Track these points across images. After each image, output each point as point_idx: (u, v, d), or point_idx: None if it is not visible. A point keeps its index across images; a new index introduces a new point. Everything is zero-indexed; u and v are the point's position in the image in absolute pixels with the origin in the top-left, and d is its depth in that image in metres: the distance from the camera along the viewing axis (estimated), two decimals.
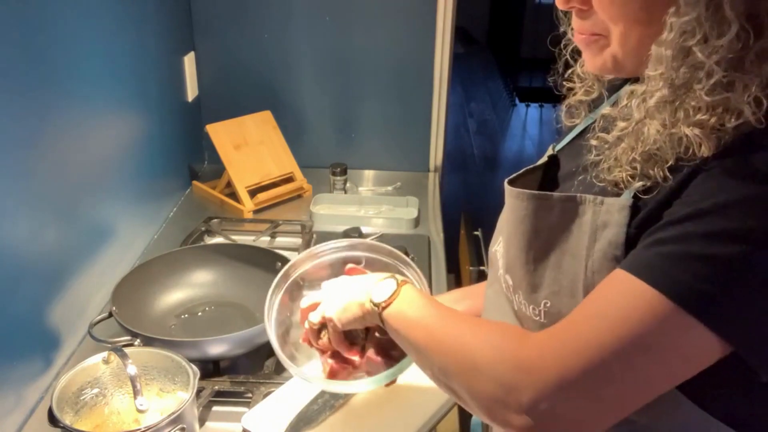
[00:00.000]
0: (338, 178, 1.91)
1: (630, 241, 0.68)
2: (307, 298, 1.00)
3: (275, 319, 1.00)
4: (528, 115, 5.97)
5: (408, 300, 0.84)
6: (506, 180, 0.89)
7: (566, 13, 0.84)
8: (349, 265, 1.03)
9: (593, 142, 0.75)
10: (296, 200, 1.92)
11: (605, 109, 0.76)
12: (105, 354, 1.03)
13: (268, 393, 1.14)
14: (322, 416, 1.06)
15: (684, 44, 0.64)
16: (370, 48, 1.98)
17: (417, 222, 1.79)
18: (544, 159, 0.92)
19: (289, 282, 1.03)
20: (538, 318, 0.78)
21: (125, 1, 1.49)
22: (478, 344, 0.71)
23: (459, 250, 2.55)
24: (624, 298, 0.64)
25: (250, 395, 1.16)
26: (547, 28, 0.89)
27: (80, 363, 1.04)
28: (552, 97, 0.94)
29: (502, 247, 0.89)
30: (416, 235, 1.73)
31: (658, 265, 0.63)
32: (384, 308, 0.84)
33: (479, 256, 2.12)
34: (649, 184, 0.68)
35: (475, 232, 2.24)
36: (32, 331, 1.18)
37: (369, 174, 2.10)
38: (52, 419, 0.95)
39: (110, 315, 1.23)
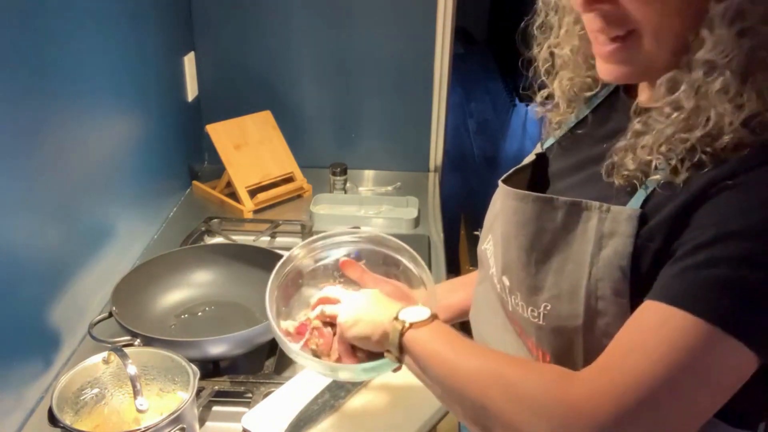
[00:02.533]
0: (338, 178, 1.91)
1: (637, 252, 0.68)
2: (330, 289, 0.98)
3: (278, 297, 0.99)
4: (528, 115, 5.96)
5: (438, 330, 0.80)
6: (501, 180, 0.88)
7: (541, 30, 0.87)
8: (343, 258, 1.02)
9: (637, 126, 0.71)
10: (296, 200, 1.92)
11: (641, 98, 0.74)
12: (105, 354, 1.03)
13: (268, 393, 1.13)
14: (322, 416, 1.06)
15: (741, 22, 0.63)
16: (370, 48, 1.98)
17: (417, 222, 1.79)
18: (531, 157, 0.91)
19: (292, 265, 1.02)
20: (536, 320, 0.77)
21: (125, 1, 1.49)
22: (525, 383, 0.68)
23: (459, 250, 2.55)
24: (665, 328, 0.63)
25: (250, 395, 1.16)
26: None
27: (80, 363, 1.04)
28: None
29: (492, 245, 0.89)
30: (416, 235, 1.73)
31: (695, 292, 0.63)
32: (409, 329, 0.80)
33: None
34: (669, 180, 0.67)
35: (475, 232, 2.23)
36: (32, 331, 1.18)
37: (369, 174, 2.10)
38: (52, 419, 0.95)
39: (110, 315, 1.22)
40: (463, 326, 1.14)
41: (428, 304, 0.94)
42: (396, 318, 0.82)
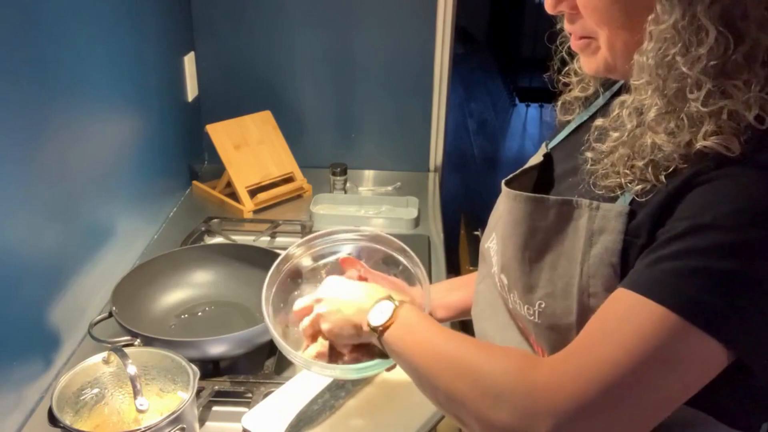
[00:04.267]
0: (338, 178, 1.91)
1: (626, 248, 0.69)
2: (300, 300, 0.98)
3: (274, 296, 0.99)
4: (528, 115, 5.97)
5: (407, 323, 0.82)
6: (503, 181, 0.89)
7: None
8: (342, 256, 1.02)
9: (588, 154, 0.75)
10: (296, 200, 1.92)
11: (598, 120, 0.76)
12: (105, 354, 1.03)
13: (268, 393, 1.13)
14: (322, 416, 1.06)
15: (665, 53, 0.64)
16: (370, 48, 1.98)
17: (417, 222, 1.79)
18: (539, 159, 0.92)
19: (288, 265, 1.02)
20: (532, 318, 0.78)
21: (125, 1, 1.49)
22: (489, 369, 0.70)
23: (459, 250, 2.55)
24: (632, 316, 0.64)
25: (250, 395, 1.16)
26: (547, 28, 0.89)
27: (80, 363, 1.04)
28: (552, 96, 0.94)
29: (496, 244, 0.89)
30: (416, 235, 1.73)
31: (662, 282, 0.63)
32: (382, 332, 0.83)
33: (479, 257, 2.12)
34: (648, 187, 0.68)
35: (475, 232, 2.24)
36: (32, 331, 1.18)
37: (369, 174, 2.10)
38: (52, 419, 0.95)
39: (110, 315, 1.22)
40: (464, 325, 1.14)
41: (422, 301, 0.96)
42: (369, 324, 0.84)
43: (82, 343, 1.30)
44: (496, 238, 0.90)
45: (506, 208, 0.84)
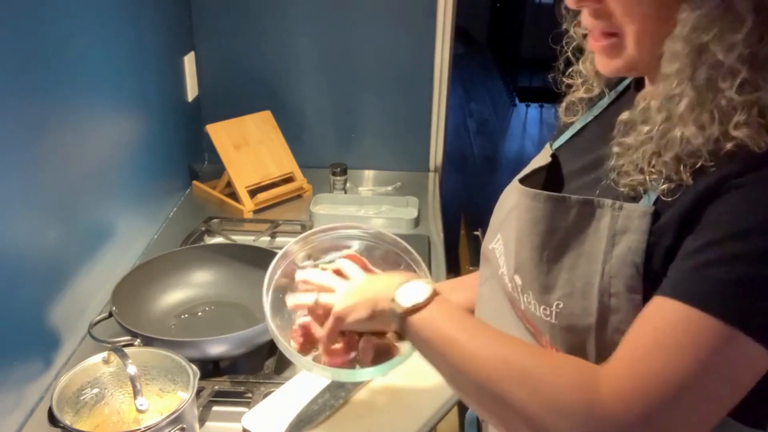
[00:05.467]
0: (338, 178, 1.91)
1: (650, 249, 0.68)
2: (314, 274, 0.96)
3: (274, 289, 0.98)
4: (528, 115, 5.97)
5: (444, 309, 0.79)
6: (517, 179, 0.88)
7: (569, 10, 0.84)
8: (344, 252, 1.00)
9: (615, 149, 0.74)
10: (296, 200, 1.92)
11: (624, 114, 0.74)
12: (105, 354, 1.03)
13: (268, 393, 1.13)
14: (322, 416, 1.06)
15: (699, 39, 0.63)
16: (370, 48, 1.98)
17: (417, 222, 1.79)
18: (546, 159, 0.91)
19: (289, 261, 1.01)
20: (548, 318, 0.77)
21: (125, 1, 1.49)
22: (554, 381, 0.67)
23: (459, 250, 2.55)
24: (687, 329, 0.63)
25: (250, 395, 1.16)
26: (548, 28, 0.88)
27: (80, 363, 1.04)
28: (552, 96, 0.94)
29: (501, 245, 0.89)
30: (416, 235, 1.73)
31: (712, 292, 0.63)
32: (411, 312, 0.80)
33: (479, 256, 2.11)
34: (673, 186, 0.67)
35: (475, 232, 2.24)
36: (32, 331, 1.18)
37: (369, 174, 2.10)
38: (52, 419, 0.95)
39: (110, 315, 1.23)
40: None
41: None
42: (393, 299, 0.82)
43: (82, 343, 1.30)
44: (503, 239, 0.88)
45: (524, 207, 0.83)
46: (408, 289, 0.82)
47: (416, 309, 0.80)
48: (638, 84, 0.83)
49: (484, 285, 0.95)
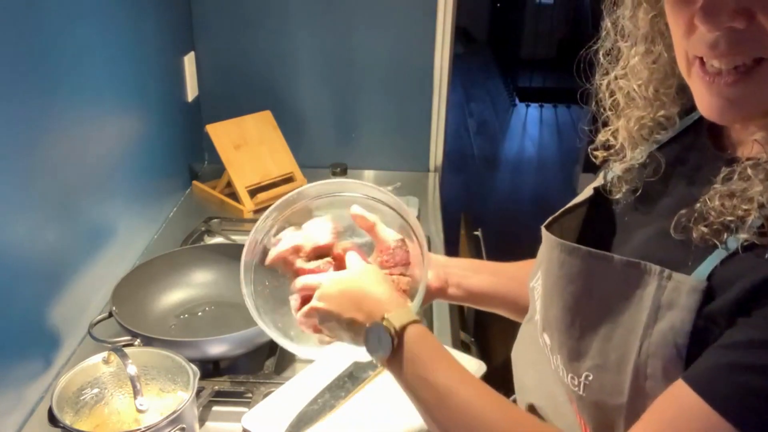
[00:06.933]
0: (338, 178, 1.91)
1: (697, 332, 0.60)
2: (305, 278, 0.92)
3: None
4: (528, 115, 5.96)
5: (410, 357, 0.74)
6: (543, 226, 0.78)
7: (610, 60, 0.75)
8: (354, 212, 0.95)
9: (714, 196, 0.61)
10: None
11: (740, 151, 0.66)
12: (105, 354, 1.03)
13: (268, 393, 1.13)
14: (322, 416, 1.06)
15: None
16: (370, 48, 1.98)
17: None
18: (587, 193, 0.80)
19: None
20: (576, 389, 0.70)
21: (125, 1, 1.49)
22: None
23: (459, 250, 2.55)
24: (699, 426, 0.57)
25: (250, 395, 1.16)
26: (547, 28, 0.87)
27: (80, 363, 1.04)
28: (552, 97, 0.92)
29: (541, 286, 0.80)
30: None
31: (736, 397, 0.56)
32: (385, 363, 0.76)
33: (479, 257, 2.11)
34: (757, 240, 0.58)
35: (475, 232, 2.24)
36: (32, 331, 1.18)
37: (369, 174, 2.10)
38: (52, 419, 0.95)
39: (110, 315, 1.22)
40: (483, 349, 1.12)
41: (420, 273, 0.89)
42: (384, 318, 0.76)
43: (82, 343, 1.30)
44: (542, 281, 0.79)
45: (556, 260, 0.72)
46: (373, 339, 0.76)
47: (386, 360, 0.76)
48: (711, 130, 0.72)
49: (527, 324, 0.85)
